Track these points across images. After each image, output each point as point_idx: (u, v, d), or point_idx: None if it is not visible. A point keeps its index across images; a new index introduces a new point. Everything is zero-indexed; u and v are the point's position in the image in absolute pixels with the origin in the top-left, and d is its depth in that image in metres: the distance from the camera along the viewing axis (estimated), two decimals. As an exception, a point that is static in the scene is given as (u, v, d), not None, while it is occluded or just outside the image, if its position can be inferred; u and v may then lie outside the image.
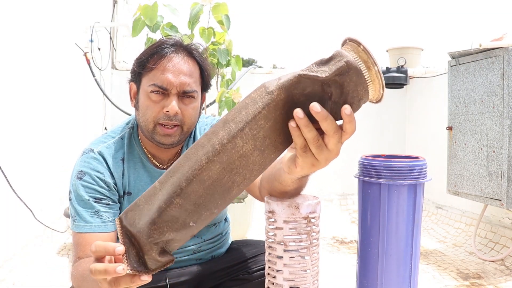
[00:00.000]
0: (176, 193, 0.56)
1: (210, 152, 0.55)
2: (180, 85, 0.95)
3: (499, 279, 1.94)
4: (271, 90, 0.54)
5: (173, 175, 0.57)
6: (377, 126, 3.47)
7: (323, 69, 0.53)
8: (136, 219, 0.59)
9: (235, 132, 0.54)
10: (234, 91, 2.30)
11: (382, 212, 1.29)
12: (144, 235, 0.58)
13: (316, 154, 0.57)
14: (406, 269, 1.31)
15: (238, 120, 0.55)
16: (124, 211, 0.60)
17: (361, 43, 0.53)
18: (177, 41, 1.00)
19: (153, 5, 2.19)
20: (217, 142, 0.55)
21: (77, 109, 2.70)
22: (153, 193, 0.58)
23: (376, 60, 0.53)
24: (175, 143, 0.99)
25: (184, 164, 0.57)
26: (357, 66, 0.52)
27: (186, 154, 0.57)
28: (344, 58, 0.53)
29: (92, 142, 1.03)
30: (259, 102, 0.54)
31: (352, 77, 0.53)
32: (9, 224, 1.82)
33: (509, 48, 1.98)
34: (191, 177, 0.55)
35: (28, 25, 2.02)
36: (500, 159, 2.02)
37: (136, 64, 0.99)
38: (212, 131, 0.56)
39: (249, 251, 1.18)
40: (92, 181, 0.96)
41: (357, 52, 0.53)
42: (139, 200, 0.59)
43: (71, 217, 0.96)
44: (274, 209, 0.71)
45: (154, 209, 0.57)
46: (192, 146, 0.57)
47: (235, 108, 0.56)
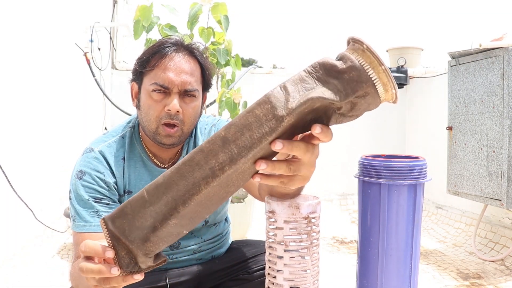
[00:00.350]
0: (172, 216, 0.53)
1: (210, 178, 0.51)
2: (182, 84, 0.95)
3: (499, 279, 1.95)
4: (281, 115, 0.48)
5: (165, 192, 0.53)
6: (377, 126, 3.47)
7: (337, 85, 0.49)
8: (127, 229, 0.55)
9: (237, 159, 0.50)
10: (235, 91, 2.30)
11: (382, 212, 1.29)
12: (138, 247, 0.56)
13: (298, 174, 0.56)
14: (406, 269, 1.31)
15: (241, 145, 0.50)
16: (110, 216, 0.56)
17: (383, 63, 0.48)
18: (178, 40, 1.00)
19: (150, 5, 2.20)
20: (217, 166, 0.50)
21: (77, 109, 2.70)
22: (142, 205, 0.54)
23: (394, 79, 0.49)
24: (176, 144, 1.00)
25: (177, 182, 0.52)
26: (376, 92, 0.49)
27: (179, 170, 0.52)
28: (364, 82, 0.48)
29: (93, 141, 1.03)
30: (265, 126, 0.49)
31: (368, 99, 0.50)
32: (9, 224, 1.82)
33: (509, 48, 1.98)
34: (188, 201, 0.52)
35: (28, 25, 2.02)
36: (500, 159, 2.02)
37: (138, 64, 0.99)
38: (209, 149, 0.51)
39: (249, 251, 1.18)
40: (92, 181, 0.96)
41: (377, 72, 0.49)
42: (125, 207, 0.55)
43: (71, 217, 0.96)
44: (274, 209, 0.71)
45: (148, 227, 0.54)
46: (186, 161, 0.52)
47: (236, 125, 0.50)
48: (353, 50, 0.50)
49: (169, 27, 2.26)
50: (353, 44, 0.50)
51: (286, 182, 0.57)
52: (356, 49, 0.50)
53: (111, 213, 0.56)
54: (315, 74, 0.50)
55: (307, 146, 0.53)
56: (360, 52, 0.49)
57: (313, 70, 0.50)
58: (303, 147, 0.53)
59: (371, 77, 0.49)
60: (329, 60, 0.50)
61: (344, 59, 0.49)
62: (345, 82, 0.49)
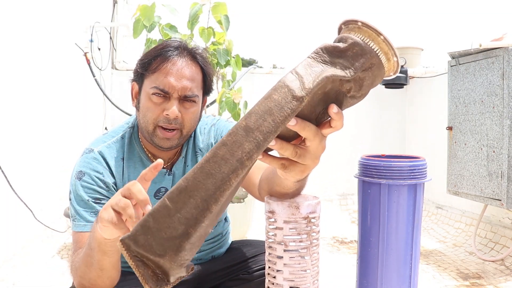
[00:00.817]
0: (205, 217, 0.51)
1: (239, 169, 0.50)
2: (182, 90, 0.95)
3: (499, 279, 1.95)
4: (300, 96, 0.49)
5: (192, 195, 0.50)
6: (377, 126, 3.47)
7: (343, 63, 0.51)
8: (154, 244, 0.52)
9: (264, 145, 0.50)
10: (235, 91, 2.30)
11: (382, 212, 1.29)
12: (171, 260, 0.53)
13: (301, 162, 0.57)
14: (406, 269, 1.31)
15: (266, 130, 0.50)
16: (130, 236, 0.53)
17: (381, 33, 0.50)
18: (181, 44, 1.00)
19: (151, 5, 2.20)
20: (245, 156, 0.50)
21: (77, 109, 2.70)
22: (166, 215, 0.51)
23: (395, 48, 0.51)
24: (174, 147, 1.00)
25: (204, 181, 0.50)
26: (380, 61, 0.51)
27: (203, 168, 0.50)
28: (368, 53, 0.50)
29: (92, 142, 1.04)
30: (286, 108, 0.50)
31: (374, 71, 0.51)
32: (9, 224, 1.82)
33: (509, 48, 1.98)
34: (220, 198, 0.50)
35: (29, 25, 2.02)
36: (500, 159, 2.02)
37: (140, 65, 0.99)
38: (233, 141, 0.50)
39: (249, 251, 1.18)
40: (92, 181, 0.96)
41: (377, 42, 0.51)
42: (146, 221, 0.52)
43: (71, 217, 0.96)
44: (274, 209, 0.71)
45: (180, 235, 0.51)
46: (209, 158, 0.50)
47: (256, 112, 0.50)
48: (349, 30, 0.52)
49: (169, 27, 2.26)
50: (346, 26, 0.53)
51: (287, 165, 0.57)
52: (352, 28, 0.52)
53: (130, 233, 0.53)
54: (320, 58, 0.51)
55: (317, 130, 0.55)
56: (357, 30, 0.52)
57: (317, 55, 0.52)
58: (314, 129, 0.54)
59: (373, 48, 0.51)
60: (330, 43, 0.52)
61: (343, 39, 0.52)
62: (350, 58, 0.51)
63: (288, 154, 0.55)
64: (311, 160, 0.57)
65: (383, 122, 3.48)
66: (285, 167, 0.58)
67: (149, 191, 1.04)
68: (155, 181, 1.04)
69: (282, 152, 0.55)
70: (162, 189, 1.05)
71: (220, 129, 1.11)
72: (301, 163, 0.57)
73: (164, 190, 1.05)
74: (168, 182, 1.06)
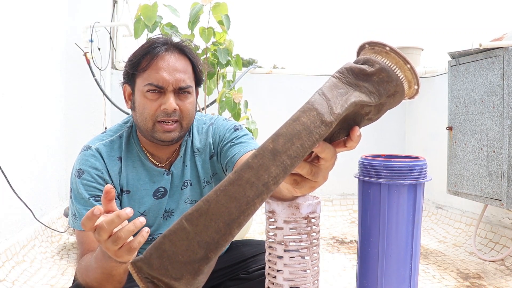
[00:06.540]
0: (226, 241, 0.49)
1: (264, 193, 0.48)
2: (176, 82, 0.97)
3: (499, 279, 1.94)
4: (329, 121, 0.49)
5: (214, 218, 0.48)
6: (377, 126, 3.46)
7: (368, 87, 0.51)
8: (170, 268, 0.49)
9: (290, 169, 0.49)
10: (235, 91, 2.30)
11: (382, 212, 1.29)
12: (187, 284, 0.50)
13: (314, 179, 0.57)
14: (406, 269, 1.31)
15: (293, 155, 0.48)
16: (143, 259, 0.50)
17: (408, 61, 0.50)
18: (168, 39, 1.01)
19: (153, 5, 2.19)
20: (272, 181, 0.48)
21: (77, 109, 2.70)
22: (184, 237, 0.49)
23: (418, 76, 0.51)
24: (176, 140, 1.00)
25: (228, 205, 0.48)
26: (404, 90, 0.51)
27: (227, 191, 0.48)
28: (394, 80, 0.50)
29: (90, 140, 1.05)
30: (315, 133, 0.49)
31: (396, 97, 0.52)
32: (9, 224, 1.82)
33: (509, 48, 1.98)
34: (243, 222, 0.48)
35: (29, 25, 2.02)
36: (500, 159, 2.02)
37: (129, 66, 1.00)
38: (259, 164, 0.48)
39: (249, 251, 1.18)
40: (91, 178, 0.97)
41: (404, 71, 0.51)
42: (162, 243, 0.49)
43: (72, 215, 0.97)
44: (274, 209, 0.71)
45: (199, 259, 0.49)
46: (233, 181, 0.48)
47: (284, 135, 0.49)
48: (375, 53, 0.52)
49: (170, 26, 2.26)
50: (372, 47, 0.52)
51: (299, 181, 0.58)
52: (379, 51, 0.52)
53: (142, 255, 0.50)
54: (345, 79, 0.51)
55: (335, 151, 0.55)
56: (384, 54, 0.51)
57: (342, 75, 0.51)
58: (332, 151, 0.54)
59: (399, 77, 0.51)
60: (356, 65, 0.52)
61: (369, 62, 0.51)
62: (375, 83, 0.51)
63: (305, 173, 0.55)
64: (323, 177, 0.58)
65: (383, 122, 3.48)
66: (297, 183, 0.58)
67: (147, 190, 1.04)
68: (154, 180, 1.04)
69: (299, 170, 0.55)
70: (160, 188, 1.05)
71: (218, 129, 1.11)
72: (313, 180, 0.57)
73: (162, 189, 1.05)
74: (166, 182, 1.06)
